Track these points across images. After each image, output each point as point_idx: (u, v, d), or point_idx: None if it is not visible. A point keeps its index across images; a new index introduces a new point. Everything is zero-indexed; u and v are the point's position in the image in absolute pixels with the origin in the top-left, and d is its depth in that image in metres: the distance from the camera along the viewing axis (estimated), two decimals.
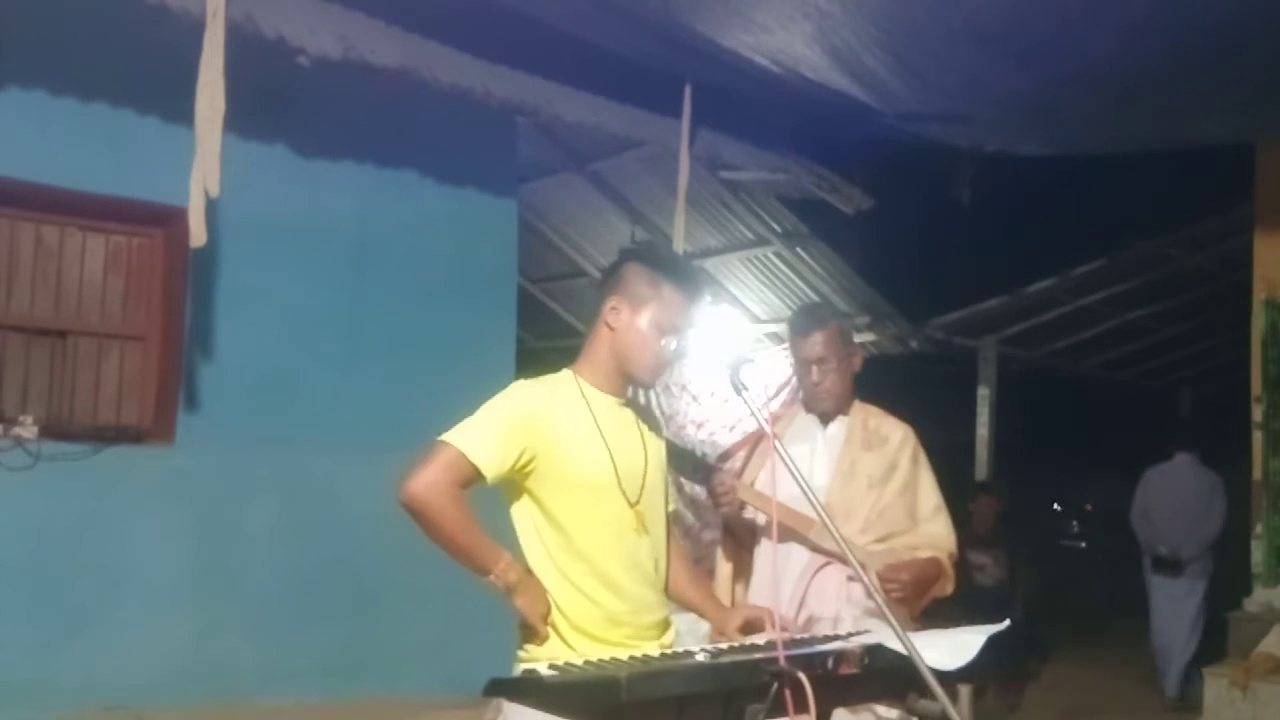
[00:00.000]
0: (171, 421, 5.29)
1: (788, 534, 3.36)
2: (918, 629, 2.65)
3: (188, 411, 5.31)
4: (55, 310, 5.28)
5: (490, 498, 2.64)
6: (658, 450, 2.78)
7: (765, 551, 3.53)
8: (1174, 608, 7.78)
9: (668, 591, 2.83)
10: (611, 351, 2.70)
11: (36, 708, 4.60)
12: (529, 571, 2.59)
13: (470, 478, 2.51)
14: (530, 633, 2.58)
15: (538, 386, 2.68)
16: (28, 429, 4.91)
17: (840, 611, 3.33)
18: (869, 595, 3.31)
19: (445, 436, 2.54)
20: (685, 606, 2.91)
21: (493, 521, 2.61)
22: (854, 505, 3.41)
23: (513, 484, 2.61)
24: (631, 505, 2.66)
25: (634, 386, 2.77)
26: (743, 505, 3.45)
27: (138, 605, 5.05)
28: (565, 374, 2.73)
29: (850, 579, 3.36)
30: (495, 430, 2.54)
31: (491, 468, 2.51)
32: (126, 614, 5.03)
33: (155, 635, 5.06)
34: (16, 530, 4.82)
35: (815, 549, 3.38)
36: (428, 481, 2.49)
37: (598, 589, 2.60)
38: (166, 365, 5.41)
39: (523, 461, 2.56)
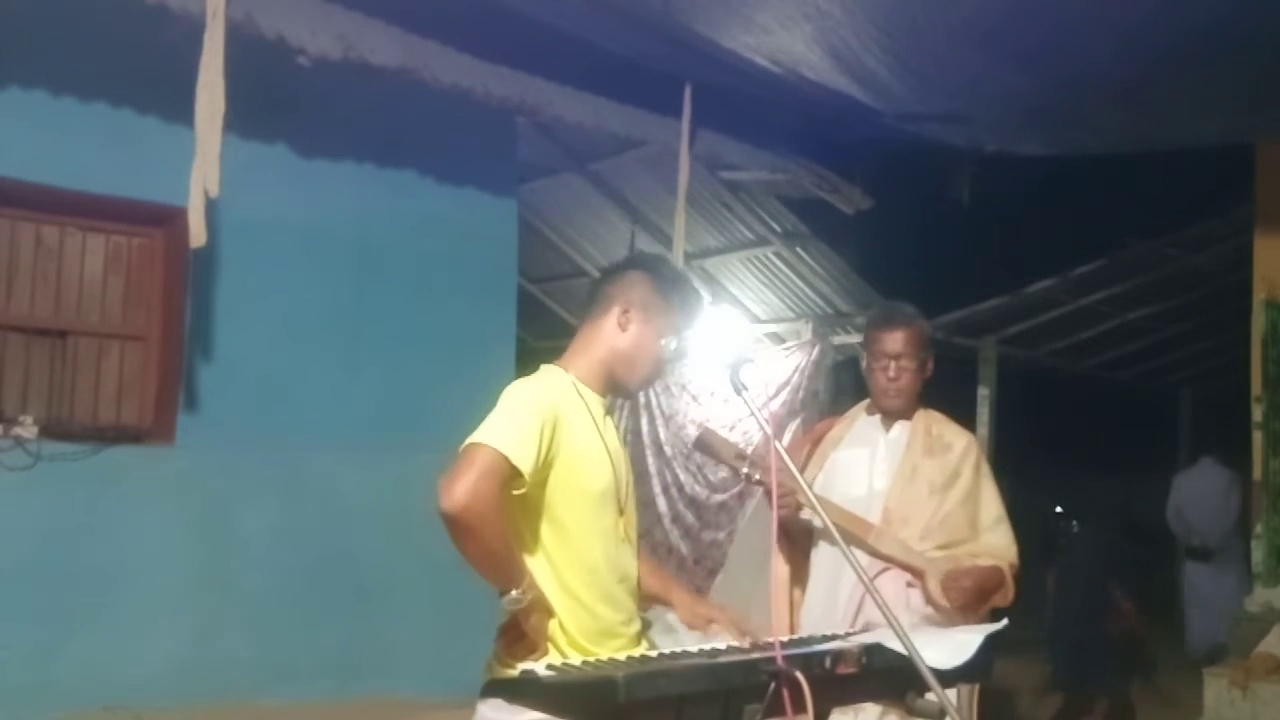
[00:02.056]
0: (171, 421, 5.29)
1: (845, 538, 3.34)
2: None
3: (188, 411, 5.31)
4: (55, 310, 5.28)
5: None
6: (627, 454, 2.76)
7: (822, 555, 3.49)
8: (1206, 588, 8.93)
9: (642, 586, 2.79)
10: (612, 355, 2.63)
11: (36, 708, 4.61)
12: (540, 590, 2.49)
13: (510, 479, 2.36)
14: (528, 647, 2.45)
15: (543, 383, 2.59)
16: (28, 429, 4.91)
17: (899, 618, 3.29)
18: (928, 602, 3.27)
19: (478, 438, 2.36)
20: (651, 598, 2.83)
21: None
22: (913, 511, 3.37)
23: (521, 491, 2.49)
24: (620, 514, 2.62)
25: (617, 395, 2.73)
26: (799, 507, 3.36)
27: (138, 605, 5.05)
28: (556, 371, 2.65)
29: (909, 585, 3.32)
30: (527, 426, 2.40)
31: (530, 465, 2.37)
32: (126, 614, 5.03)
33: (155, 635, 5.06)
34: (16, 530, 4.82)
35: (874, 554, 3.32)
36: (474, 489, 2.28)
37: (597, 601, 2.54)
38: (166, 365, 5.41)
39: (550, 458, 2.45)
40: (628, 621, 2.62)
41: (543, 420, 2.44)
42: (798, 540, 3.57)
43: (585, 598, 2.52)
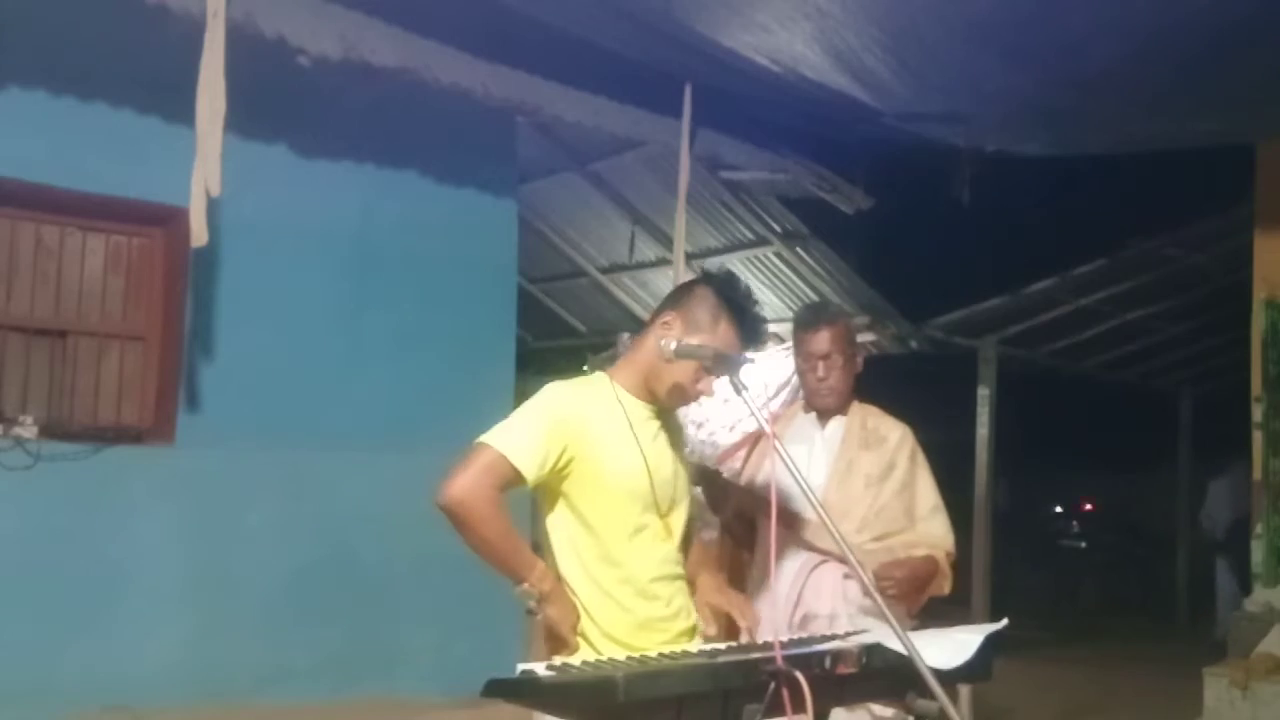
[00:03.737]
0: (171, 421, 5.30)
1: (784, 534, 3.37)
2: (914, 628, 2.65)
3: (188, 411, 5.31)
4: (55, 310, 5.28)
5: (523, 503, 2.63)
6: (682, 458, 2.76)
7: (761, 551, 3.55)
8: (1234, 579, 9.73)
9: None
10: (648, 365, 2.65)
11: (36, 708, 4.61)
12: (560, 581, 2.56)
13: (510, 480, 2.48)
14: (559, 644, 2.53)
15: (574, 388, 2.66)
16: (28, 429, 4.91)
17: (836, 609, 3.34)
18: (865, 593, 3.33)
19: (484, 438, 2.50)
20: (688, 581, 2.84)
21: (524, 527, 2.61)
22: (850, 504, 3.41)
23: (548, 488, 2.59)
24: (662, 516, 2.64)
25: (657, 405, 2.70)
26: (737, 511, 3.47)
27: (138, 605, 5.06)
28: (600, 377, 2.72)
29: (846, 576, 3.38)
30: (535, 431, 2.51)
31: (532, 469, 2.48)
32: (126, 614, 5.03)
33: (155, 635, 5.06)
34: (16, 530, 4.82)
35: (810, 548, 3.39)
36: (468, 485, 2.43)
37: (629, 595, 2.58)
38: (166, 365, 5.41)
39: (562, 463, 2.53)
40: (672, 617, 2.64)
41: (553, 426, 2.52)
42: (739, 538, 3.66)
43: (616, 593, 2.57)
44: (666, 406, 2.71)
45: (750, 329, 2.64)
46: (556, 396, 2.60)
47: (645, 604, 2.60)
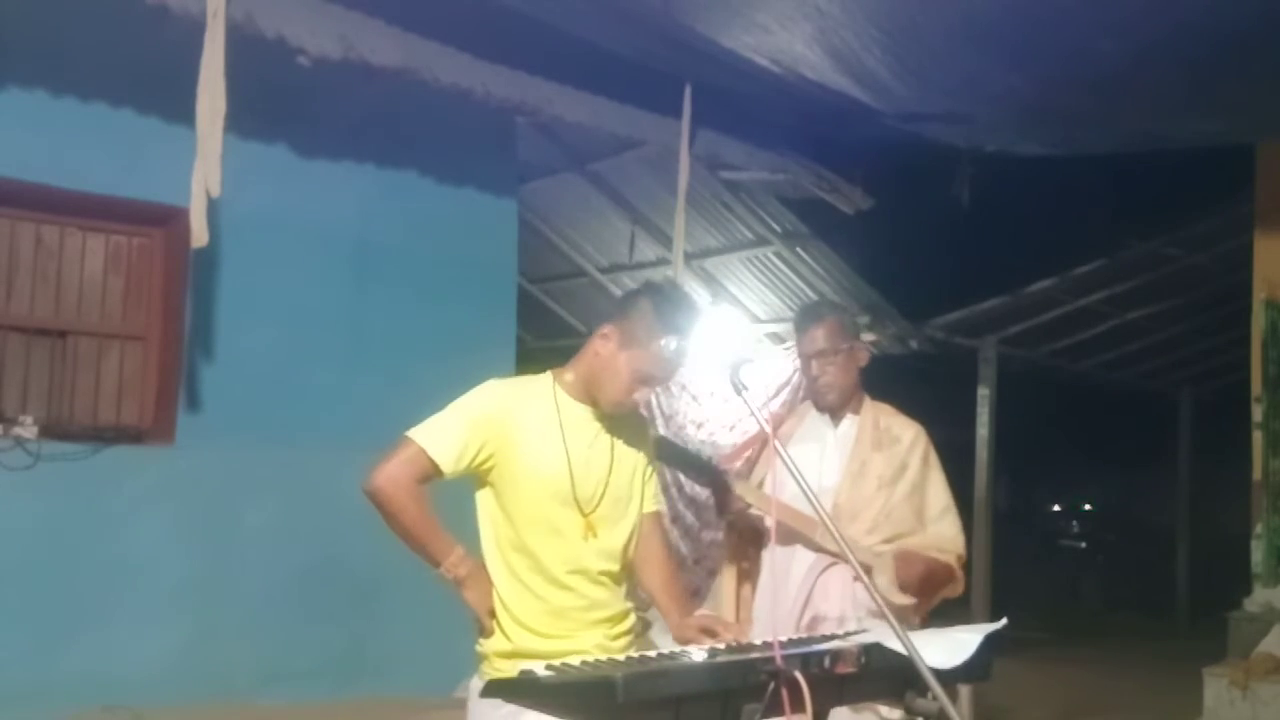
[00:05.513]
0: (171, 421, 5.30)
1: (792, 535, 3.36)
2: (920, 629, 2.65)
3: (188, 411, 5.31)
4: (55, 310, 5.28)
5: (457, 490, 2.73)
6: (632, 461, 2.82)
7: (773, 553, 3.52)
8: None
9: (643, 588, 2.90)
10: (588, 370, 2.76)
11: (36, 708, 4.61)
12: (480, 566, 2.70)
13: (429, 473, 2.64)
14: (477, 626, 2.72)
15: (510, 386, 2.79)
16: (28, 429, 4.91)
17: (845, 611, 3.32)
18: (870, 595, 3.33)
19: (410, 432, 2.66)
20: (658, 608, 2.94)
21: (455, 514, 2.72)
22: (862, 505, 3.40)
23: (475, 477, 2.73)
24: (584, 514, 2.71)
25: (600, 408, 2.78)
26: (747, 507, 3.45)
27: (137, 605, 5.06)
28: (545, 377, 2.81)
29: (856, 579, 3.35)
30: (458, 428, 2.66)
31: (449, 465, 2.64)
32: (126, 614, 5.03)
33: (155, 635, 5.06)
34: (16, 530, 4.83)
35: (819, 549, 3.37)
36: (387, 475, 2.62)
37: (542, 585, 2.69)
38: (166, 365, 5.41)
39: (481, 458, 2.67)
40: (588, 608, 2.72)
41: (475, 423, 2.66)
42: (748, 538, 3.63)
43: (529, 581, 2.69)
44: (607, 412, 2.78)
45: (681, 350, 2.72)
46: (485, 394, 2.73)
47: (558, 593, 2.69)
